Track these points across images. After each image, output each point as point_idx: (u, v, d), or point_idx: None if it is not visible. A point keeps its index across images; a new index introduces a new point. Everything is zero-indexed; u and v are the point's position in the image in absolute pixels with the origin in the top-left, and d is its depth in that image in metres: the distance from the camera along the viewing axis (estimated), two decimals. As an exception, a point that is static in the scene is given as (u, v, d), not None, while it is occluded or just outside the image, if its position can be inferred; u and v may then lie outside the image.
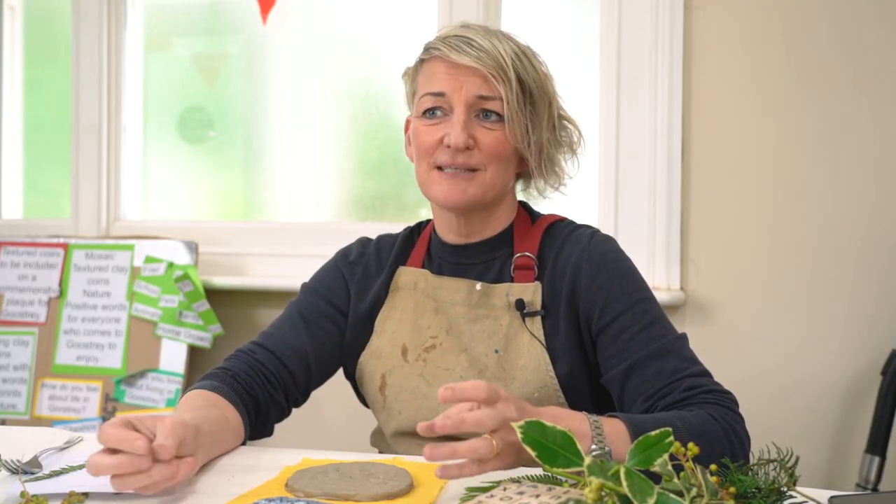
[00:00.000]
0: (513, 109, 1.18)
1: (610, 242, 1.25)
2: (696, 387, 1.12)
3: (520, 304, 1.21)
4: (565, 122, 1.29)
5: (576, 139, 1.30)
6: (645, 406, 1.14)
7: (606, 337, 1.18)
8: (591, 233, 1.26)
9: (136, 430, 0.93)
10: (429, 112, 1.22)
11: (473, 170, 1.20)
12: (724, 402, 1.11)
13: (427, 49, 1.24)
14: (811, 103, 2.04)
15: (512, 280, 1.24)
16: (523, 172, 1.29)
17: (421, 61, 1.26)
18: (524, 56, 1.21)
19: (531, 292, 1.22)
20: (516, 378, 1.20)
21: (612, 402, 1.25)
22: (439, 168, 1.21)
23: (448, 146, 1.19)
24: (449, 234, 1.30)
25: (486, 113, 1.19)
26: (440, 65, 1.21)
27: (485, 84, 1.18)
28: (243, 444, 1.18)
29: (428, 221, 1.37)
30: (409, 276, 1.30)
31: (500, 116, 1.19)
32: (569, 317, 1.21)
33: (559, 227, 1.28)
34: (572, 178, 1.33)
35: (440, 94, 1.20)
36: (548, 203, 1.38)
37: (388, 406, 1.27)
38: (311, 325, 1.30)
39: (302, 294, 1.35)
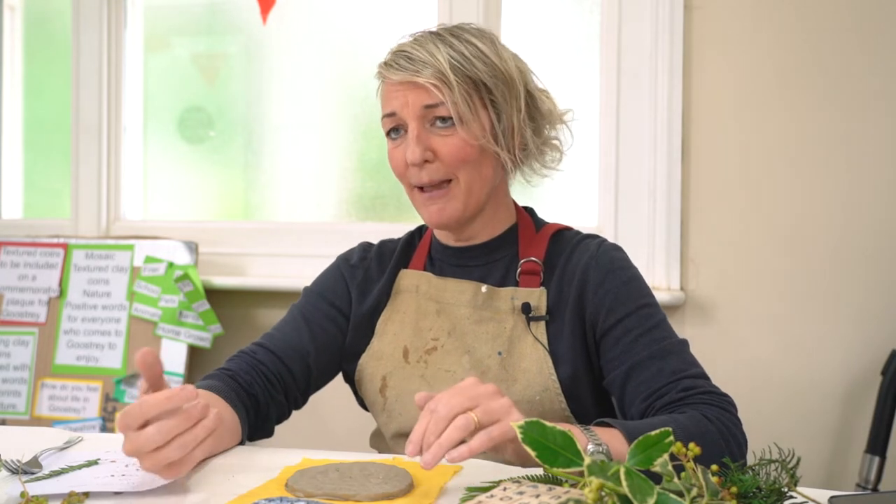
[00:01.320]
0: (462, 111, 1.18)
1: (618, 251, 1.26)
2: (693, 388, 1.12)
3: (526, 308, 1.22)
4: (537, 100, 1.26)
5: (553, 110, 1.28)
6: (643, 406, 1.14)
7: (610, 339, 1.19)
8: (599, 241, 1.27)
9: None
10: (392, 132, 1.24)
11: (447, 181, 1.21)
12: (721, 403, 1.11)
13: (377, 74, 1.26)
14: (811, 103, 2.04)
15: (517, 284, 1.25)
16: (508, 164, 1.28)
17: (379, 84, 1.28)
18: (469, 50, 1.20)
19: (536, 297, 1.23)
20: (518, 381, 1.20)
21: (612, 411, 1.26)
22: (419, 188, 1.23)
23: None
24: (448, 238, 1.31)
25: (443, 119, 1.19)
26: (388, 86, 1.23)
27: (428, 94, 1.18)
28: (242, 443, 1.18)
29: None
30: (411, 279, 1.31)
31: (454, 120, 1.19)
32: (574, 322, 1.21)
33: (567, 236, 1.29)
34: (564, 152, 1.31)
35: (392, 115, 1.22)
36: (548, 200, 1.38)
37: (389, 408, 1.27)
38: (314, 326, 1.30)
39: (304, 297, 1.35)
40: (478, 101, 1.20)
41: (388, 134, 1.25)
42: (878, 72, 2.01)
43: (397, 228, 1.42)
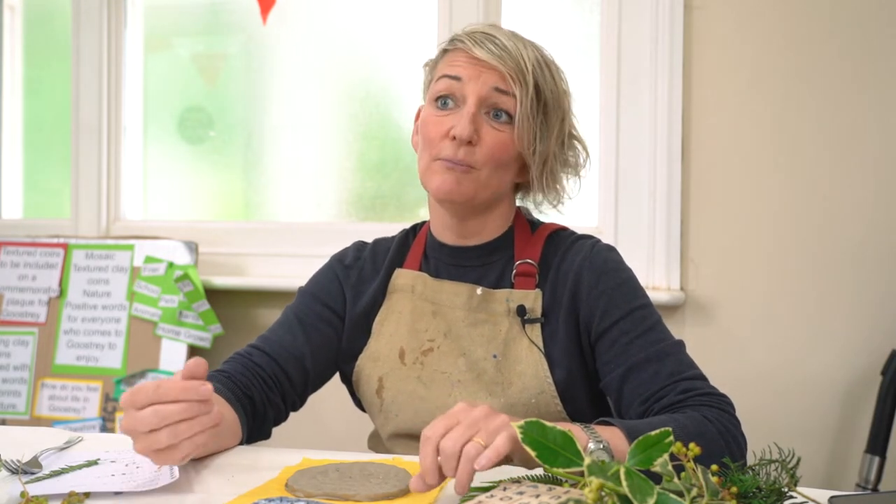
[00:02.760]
0: (525, 113, 1.18)
1: (611, 252, 1.26)
2: (691, 389, 1.12)
3: (521, 311, 1.22)
4: (575, 142, 1.29)
5: (582, 160, 1.30)
6: (641, 409, 1.14)
7: (605, 342, 1.19)
8: (593, 242, 1.27)
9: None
10: (441, 100, 1.21)
11: (471, 166, 1.20)
12: (720, 404, 1.11)
13: (452, 40, 1.24)
14: (811, 103, 2.04)
15: (512, 286, 1.24)
16: (523, 183, 1.29)
17: (444, 52, 1.25)
18: (546, 66, 1.22)
19: (532, 299, 1.22)
20: (514, 383, 1.20)
21: (608, 412, 1.26)
22: (440, 158, 1.21)
23: (454, 138, 1.18)
24: (445, 234, 1.30)
25: (497, 113, 1.19)
26: (462, 55, 1.21)
27: (502, 80, 1.19)
28: (241, 444, 1.18)
29: (424, 223, 1.37)
30: (407, 279, 1.30)
31: (510, 118, 1.19)
32: (568, 324, 1.21)
33: (561, 237, 1.29)
34: (572, 198, 1.33)
35: (457, 78, 1.20)
36: (547, 206, 1.38)
37: (386, 409, 1.27)
38: (308, 327, 1.30)
39: (298, 298, 1.35)
40: (535, 113, 1.20)
41: (436, 100, 1.22)
42: (879, 72, 2.01)
43: (397, 228, 1.41)
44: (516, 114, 1.18)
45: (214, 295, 2.32)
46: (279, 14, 2.42)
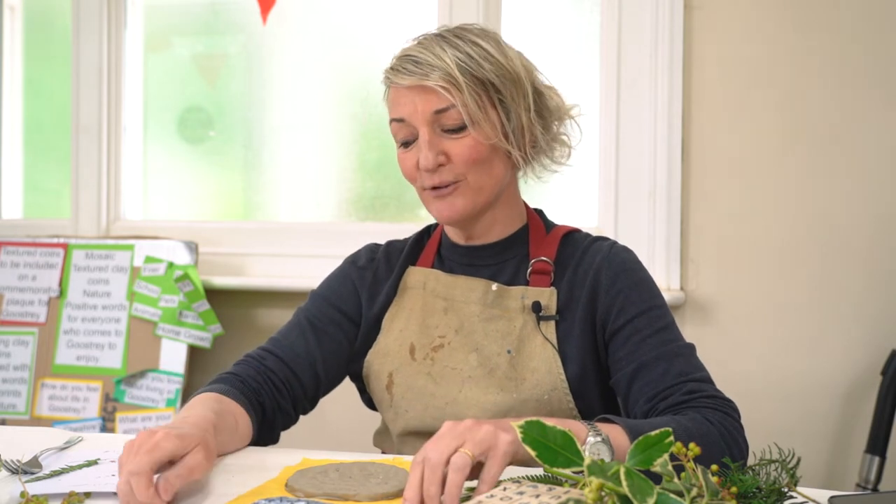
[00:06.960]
0: (473, 112, 1.17)
1: (629, 252, 1.27)
2: (697, 391, 1.13)
3: (536, 307, 1.22)
4: (545, 97, 1.26)
5: (561, 105, 1.28)
6: (647, 407, 1.15)
7: (619, 339, 1.20)
8: (611, 244, 1.28)
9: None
10: (400, 140, 1.23)
11: (455, 182, 1.20)
12: (724, 408, 1.12)
13: (383, 79, 1.26)
14: (811, 103, 2.04)
15: (527, 283, 1.25)
16: (517, 162, 1.27)
17: (386, 89, 1.27)
18: (475, 51, 1.19)
19: (547, 297, 1.23)
20: (527, 380, 1.20)
21: (619, 410, 1.26)
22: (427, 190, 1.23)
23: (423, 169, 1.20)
24: (458, 237, 1.31)
25: (453, 122, 1.19)
26: (395, 91, 1.23)
27: (437, 98, 1.18)
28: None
29: (438, 224, 1.37)
30: (419, 276, 1.31)
31: (465, 123, 1.19)
32: (584, 322, 1.22)
33: (577, 238, 1.30)
34: (574, 146, 1.31)
35: (401, 121, 1.21)
36: (548, 200, 1.38)
37: (395, 405, 1.27)
38: (320, 332, 1.30)
39: (311, 301, 1.34)
40: (487, 102, 1.19)
41: (395, 137, 1.24)
42: (878, 72, 2.01)
43: (397, 228, 1.42)
44: (465, 117, 1.17)
45: (214, 295, 2.32)
46: (279, 14, 2.42)
